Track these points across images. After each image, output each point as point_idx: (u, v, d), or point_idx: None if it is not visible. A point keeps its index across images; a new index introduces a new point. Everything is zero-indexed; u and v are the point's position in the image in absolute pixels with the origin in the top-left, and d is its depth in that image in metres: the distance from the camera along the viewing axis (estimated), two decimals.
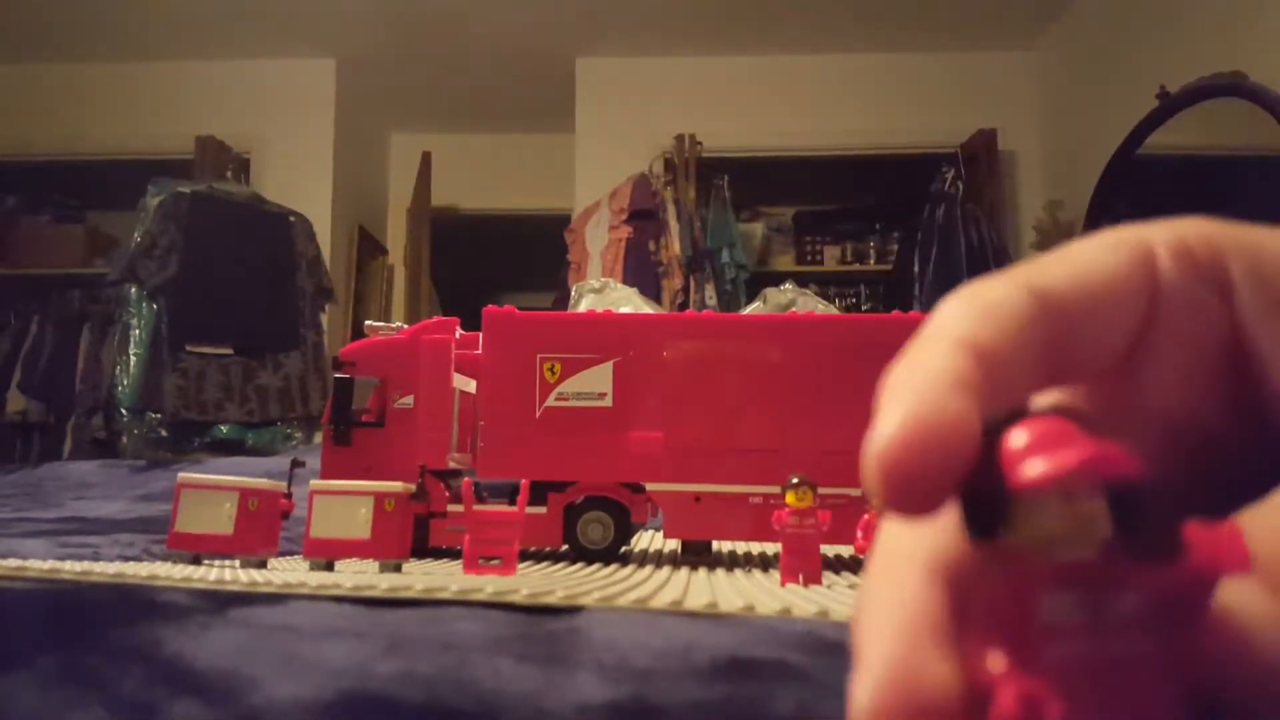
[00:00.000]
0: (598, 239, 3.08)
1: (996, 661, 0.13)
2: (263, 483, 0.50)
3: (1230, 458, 0.16)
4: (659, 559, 0.58)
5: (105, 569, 0.37)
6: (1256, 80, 2.07)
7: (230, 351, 2.29)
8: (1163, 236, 0.16)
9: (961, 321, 0.15)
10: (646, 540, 0.71)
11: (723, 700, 0.22)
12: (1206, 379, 0.16)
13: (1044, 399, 0.17)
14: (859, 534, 0.41)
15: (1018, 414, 0.14)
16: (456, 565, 0.53)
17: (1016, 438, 0.13)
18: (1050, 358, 0.16)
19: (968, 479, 0.13)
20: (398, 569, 0.49)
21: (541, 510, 0.58)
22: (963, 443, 0.13)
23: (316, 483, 0.50)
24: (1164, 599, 0.13)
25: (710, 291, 2.95)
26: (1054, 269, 0.16)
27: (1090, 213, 2.67)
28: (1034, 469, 0.13)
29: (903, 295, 3.01)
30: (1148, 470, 0.13)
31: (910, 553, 0.14)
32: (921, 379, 0.14)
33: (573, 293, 1.48)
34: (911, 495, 0.13)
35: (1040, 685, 0.12)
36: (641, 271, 2.91)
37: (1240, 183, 2.26)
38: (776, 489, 0.43)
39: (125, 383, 2.16)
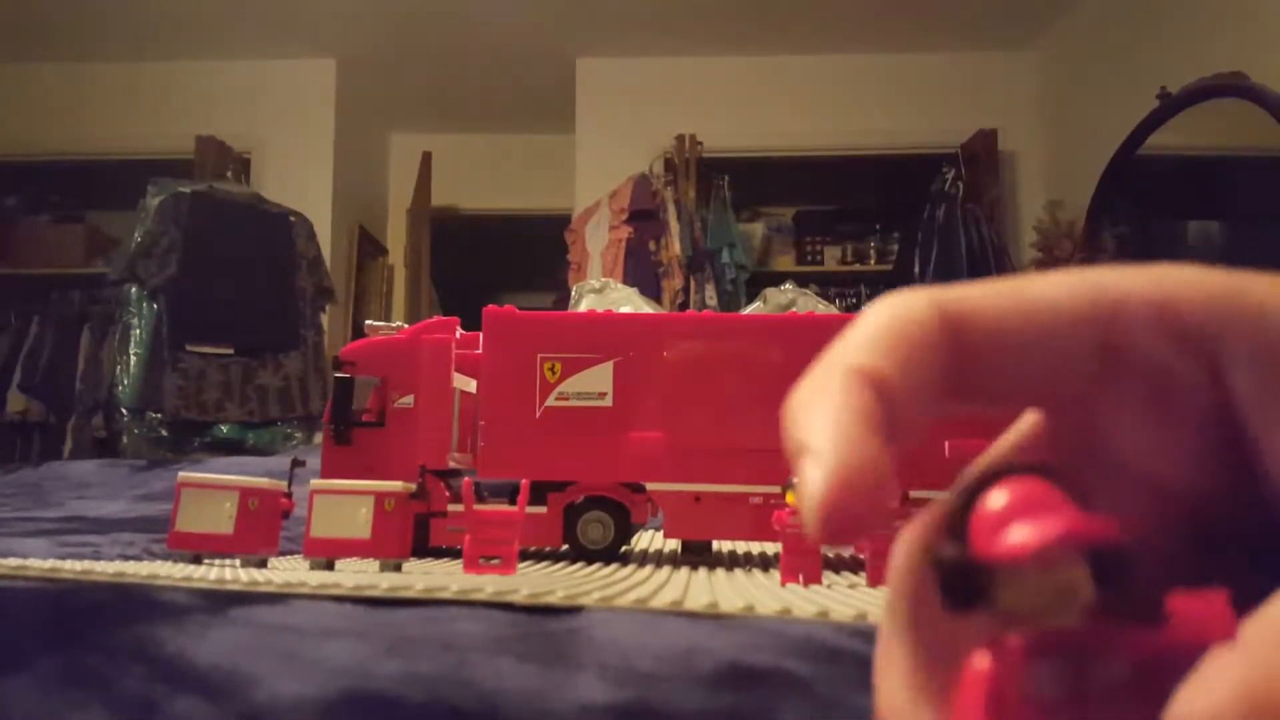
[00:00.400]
0: (598, 239, 3.08)
1: None
2: (263, 482, 0.50)
3: (1225, 522, 0.16)
4: (659, 559, 0.58)
5: (106, 568, 0.37)
6: (1257, 80, 2.07)
7: (230, 351, 2.29)
8: (1143, 289, 0.15)
9: (863, 351, 0.15)
10: (646, 540, 0.71)
11: (726, 708, 0.22)
12: (1194, 443, 0.15)
13: (1019, 455, 0.17)
14: None
15: (993, 474, 0.13)
16: (457, 565, 0.53)
17: (995, 500, 0.13)
18: (957, 383, 0.16)
19: (941, 544, 0.13)
20: (398, 569, 0.49)
21: (541, 510, 0.58)
22: (884, 483, 0.14)
23: (317, 482, 0.50)
24: (1149, 666, 0.12)
25: (710, 292, 2.95)
26: (985, 293, 0.16)
27: (1090, 213, 2.67)
28: (1015, 540, 0.12)
29: None
30: (1129, 534, 0.12)
31: (841, 364, 0.15)
32: (833, 421, 0.15)
33: (573, 293, 1.48)
34: (845, 533, 0.14)
35: None
36: (642, 272, 2.91)
37: (1241, 183, 2.26)
38: (777, 489, 0.43)
39: (125, 382, 2.16)
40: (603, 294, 1.42)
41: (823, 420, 0.15)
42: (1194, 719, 0.11)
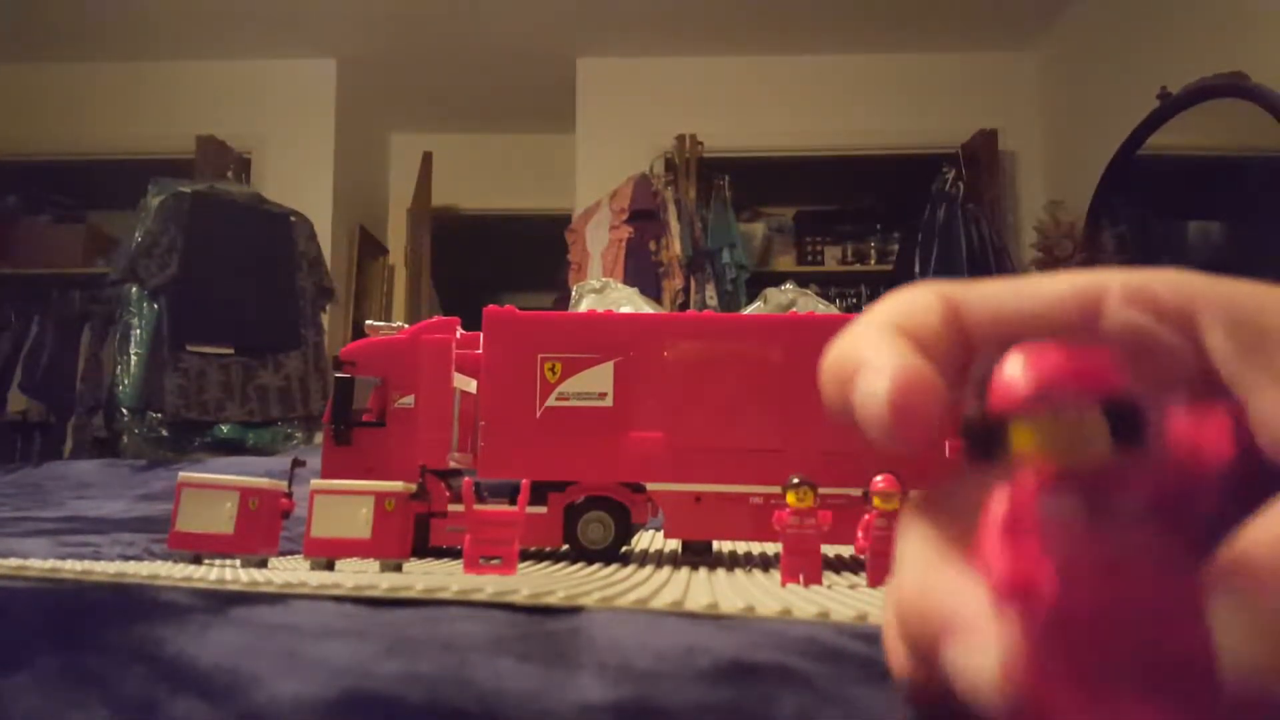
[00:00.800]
0: (598, 239, 3.08)
1: (998, 546, 0.13)
2: (263, 482, 0.50)
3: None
4: (659, 559, 0.58)
5: (106, 568, 0.37)
6: (1257, 81, 2.07)
7: (231, 351, 2.29)
8: (1121, 281, 0.17)
9: (890, 313, 0.18)
10: (647, 540, 0.71)
11: (725, 703, 0.23)
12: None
13: None
14: (859, 534, 0.41)
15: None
16: (457, 565, 0.53)
17: (1011, 364, 0.14)
18: (960, 364, 0.18)
19: (967, 414, 0.15)
20: (398, 569, 0.49)
21: (542, 510, 0.58)
22: (940, 394, 0.15)
23: (317, 482, 0.50)
24: (1157, 492, 0.13)
25: (711, 292, 2.95)
26: (983, 285, 0.18)
27: (1091, 213, 2.67)
28: (1021, 387, 0.14)
29: None
30: (1132, 382, 0.14)
31: (874, 323, 0.17)
32: (887, 344, 0.16)
33: (573, 293, 1.48)
34: (910, 432, 0.15)
35: (1037, 565, 0.13)
36: (642, 272, 2.91)
37: (1241, 183, 2.26)
38: (777, 489, 0.43)
39: (126, 382, 2.16)
40: (603, 294, 1.42)
41: (876, 346, 0.16)
42: (1265, 543, 0.13)
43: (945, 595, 0.15)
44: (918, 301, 0.18)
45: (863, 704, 0.22)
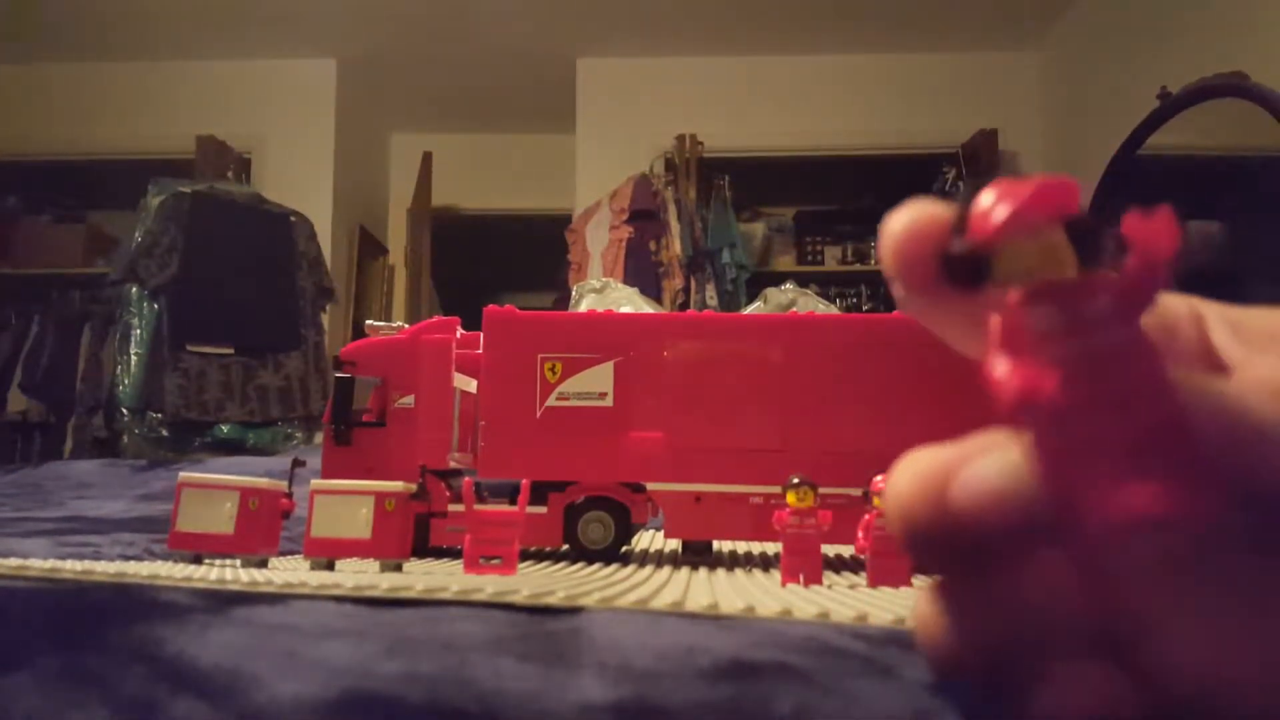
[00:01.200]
0: (598, 239, 3.08)
1: (1000, 366, 0.16)
2: (264, 482, 0.50)
3: None
4: (659, 559, 0.58)
5: (106, 568, 0.37)
6: (1258, 81, 2.07)
7: (231, 351, 2.29)
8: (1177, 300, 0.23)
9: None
10: (647, 540, 0.71)
11: (725, 701, 0.23)
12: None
13: None
14: (860, 534, 0.41)
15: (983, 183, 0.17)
16: (457, 565, 0.53)
17: (984, 197, 0.16)
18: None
19: (948, 250, 0.17)
20: (398, 569, 0.49)
21: (542, 510, 0.58)
22: (943, 222, 0.18)
23: (317, 482, 0.50)
24: (1125, 290, 0.16)
25: (711, 292, 2.95)
26: None
27: (1091, 213, 2.67)
28: (997, 216, 0.16)
29: None
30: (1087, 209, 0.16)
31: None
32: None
33: (573, 293, 1.48)
34: (914, 266, 0.18)
35: (1038, 370, 0.15)
36: (642, 272, 2.91)
37: (1242, 184, 2.26)
38: (777, 489, 0.43)
39: (126, 382, 2.16)
40: (603, 294, 1.42)
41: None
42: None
43: (949, 450, 0.17)
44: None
45: (862, 698, 0.22)
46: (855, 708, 0.22)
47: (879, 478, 0.41)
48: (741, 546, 0.67)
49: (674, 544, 0.65)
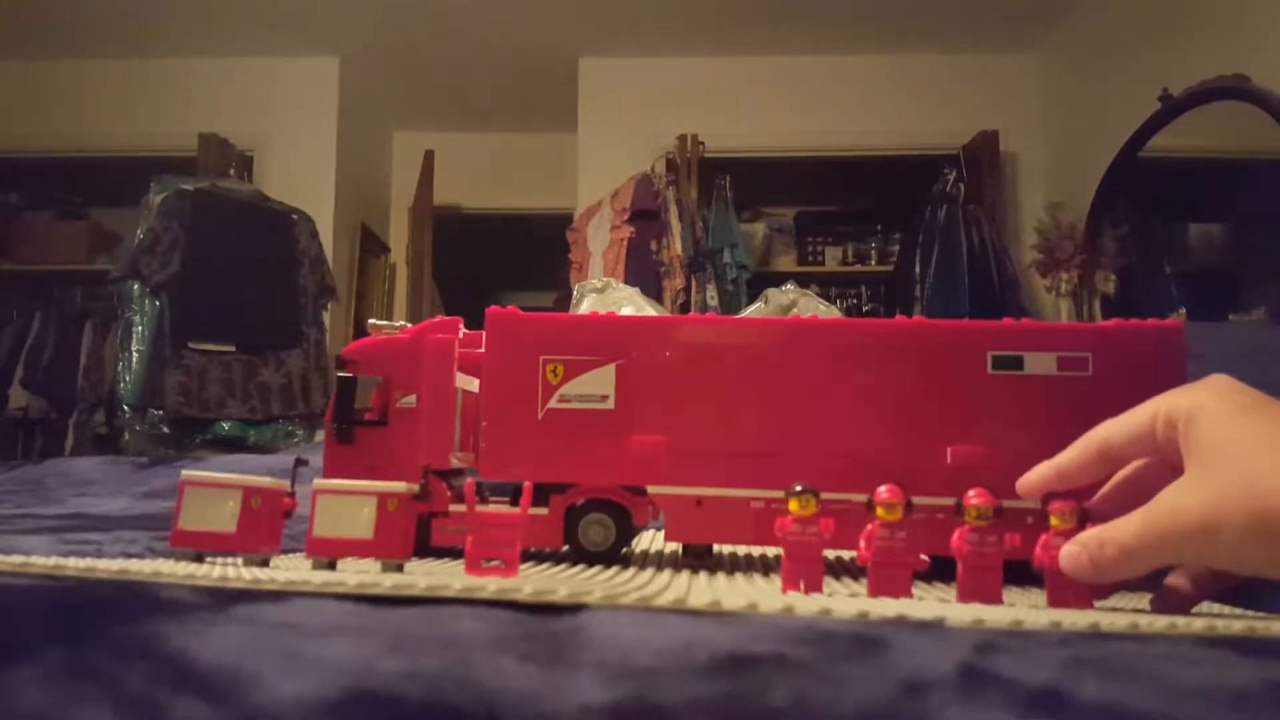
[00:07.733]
0: (600, 239, 3.08)
1: None
2: (266, 481, 0.50)
3: None
4: (660, 561, 0.58)
5: (108, 566, 0.37)
6: (1259, 83, 2.07)
7: (232, 348, 2.29)
8: (1168, 405, 0.36)
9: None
10: (647, 542, 0.71)
11: (722, 695, 0.23)
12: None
13: None
14: (861, 543, 0.41)
15: None
16: (458, 565, 0.53)
17: None
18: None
19: None
20: (400, 569, 0.49)
21: (542, 511, 0.58)
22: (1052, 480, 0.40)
23: (320, 482, 0.50)
24: None
25: (712, 291, 2.96)
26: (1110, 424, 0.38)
27: (1091, 214, 2.67)
28: None
29: (904, 296, 3.01)
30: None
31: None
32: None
33: (574, 292, 1.48)
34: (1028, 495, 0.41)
35: None
36: (643, 271, 2.91)
37: (1242, 185, 2.26)
38: (779, 493, 0.43)
39: (127, 379, 2.16)
40: (604, 294, 1.42)
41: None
42: None
43: None
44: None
45: (853, 680, 0.22)
46: (847, 691, 0.22)
47: (883, 488, 0.41)
48: (742, 551, 0.67)
49: (674, 547, 0.65)
